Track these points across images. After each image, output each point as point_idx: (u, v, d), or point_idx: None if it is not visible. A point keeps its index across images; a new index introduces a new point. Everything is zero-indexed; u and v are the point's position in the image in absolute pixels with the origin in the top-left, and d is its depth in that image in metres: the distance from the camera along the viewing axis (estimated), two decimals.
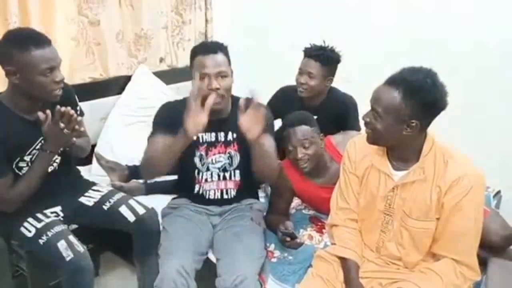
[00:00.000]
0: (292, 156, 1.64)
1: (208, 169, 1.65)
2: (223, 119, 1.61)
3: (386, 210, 1.36)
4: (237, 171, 1.67)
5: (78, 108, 1.65)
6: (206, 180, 1.66)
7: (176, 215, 1.67)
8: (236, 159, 1.65)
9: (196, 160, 1.64)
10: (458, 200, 1.22)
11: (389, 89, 1.22)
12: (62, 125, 1.39)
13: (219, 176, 1.66)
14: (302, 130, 1.61)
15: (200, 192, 1.68)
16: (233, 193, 1.69)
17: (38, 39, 1.40)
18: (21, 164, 1.49)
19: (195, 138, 1.51)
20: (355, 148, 1.43)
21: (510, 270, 1.45)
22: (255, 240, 1.58)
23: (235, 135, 1.62)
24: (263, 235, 1.66)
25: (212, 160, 1.64)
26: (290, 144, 1.63)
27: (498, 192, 2.12)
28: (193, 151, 1.62)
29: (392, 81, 1.23)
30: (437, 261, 1.31)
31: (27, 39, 1.39)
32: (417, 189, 1.29)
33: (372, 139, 1.30)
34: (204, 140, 1.62)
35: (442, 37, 2.31)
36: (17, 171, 1.49)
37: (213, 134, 1.62)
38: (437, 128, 1.30)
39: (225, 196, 1.69)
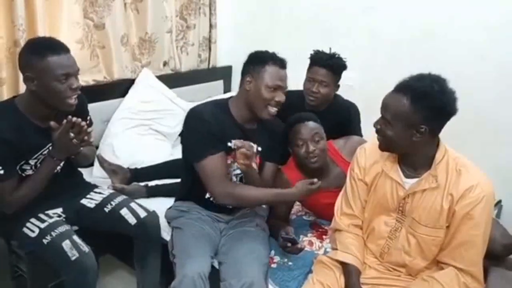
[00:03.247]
0: (304, 151, 1.63)
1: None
2: (253, 130, 1.61)
3: (397, 217, 1.37)
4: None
5: (88, 118, 1.66)
6: None
7: (188, 218, 1.64)
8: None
9: None
10: (470, 209, 1.23)
11: (397, 96, 1.23)
12: (72, 134, 1.42)
13: None
14: (311, 125, 1.64)
15: (211, 198, 1.63)
16: None
17: (56, 46, 1.43)
18: (25, 166, 1.50)
19: (230, 144, 1.54)
20: (365, 155, 1.44)
21: (510, 279, 1.44)
22: (260, 245, 1.57)
23: (259, 149, 1.60)
24: (267, 241, 1.65)
25: (235, 166, 1.59)
26: (301, 139, 1.63)
27: (499, 201, 2.12)
28: None
29: (400, 88, 1.24)
30: (440, 270, 1.31)
31: (45, 46, 1.42)
32: (428, 196, 1.29)
33: (384, 146, 1.32)
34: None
35: (444, 45, 2.33)
36: (20, 172, 1.50)
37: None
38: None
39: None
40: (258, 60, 1.56)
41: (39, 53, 1.39)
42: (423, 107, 1.20)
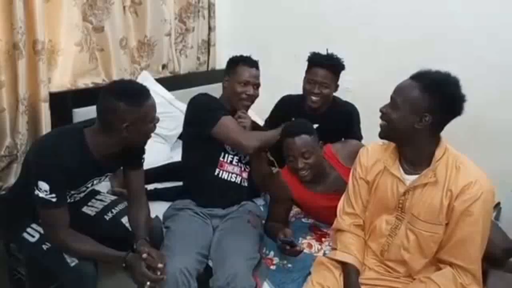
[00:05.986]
0: (293, 166, 1.65)
1: (234, 153, 1.81)
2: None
3: (397, 215, 1.38)
4: (247, 167, 1.85)
5: (144, 156, 1.63)
6: (231, 162, 1.80)
7: (180, 216, 1.71)
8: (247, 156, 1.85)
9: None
10: (468, 205, 1.24)
11: (411, 82, 1.28)
12: (145, 269, 1.36)
13: (238, 161, 1.82)
14: (302, 140, 1.61)
15: (220, 175, 1.77)
16: (246, 183, 1.84)
17: (145, 90, 1.42)
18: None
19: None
20: (367, 154, 1.46)
21: (509, 282, 1.45)
22: (248, 241, 1.61)
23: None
24: (258, 239, 1.68)
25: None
26: (291, 155, 1.64)
27: (498, 204, 2.12)
28: None
29: (416, 76, 1.29)
30: (439, 271, 1.31)
31: (138, 93, 1.40)
32: (428, 192, 1.30)
33: (385, 132, 1.33)
34: None
35: (444, 47, 2.34)
36: None
37: None
38: None
39: (242, 184, 1.82)
40: (232, 62, 1.84)
41: (136, 103, 1.36)
42: (434, 96, 1.23)
